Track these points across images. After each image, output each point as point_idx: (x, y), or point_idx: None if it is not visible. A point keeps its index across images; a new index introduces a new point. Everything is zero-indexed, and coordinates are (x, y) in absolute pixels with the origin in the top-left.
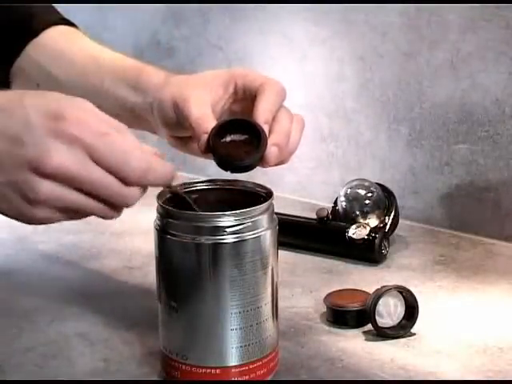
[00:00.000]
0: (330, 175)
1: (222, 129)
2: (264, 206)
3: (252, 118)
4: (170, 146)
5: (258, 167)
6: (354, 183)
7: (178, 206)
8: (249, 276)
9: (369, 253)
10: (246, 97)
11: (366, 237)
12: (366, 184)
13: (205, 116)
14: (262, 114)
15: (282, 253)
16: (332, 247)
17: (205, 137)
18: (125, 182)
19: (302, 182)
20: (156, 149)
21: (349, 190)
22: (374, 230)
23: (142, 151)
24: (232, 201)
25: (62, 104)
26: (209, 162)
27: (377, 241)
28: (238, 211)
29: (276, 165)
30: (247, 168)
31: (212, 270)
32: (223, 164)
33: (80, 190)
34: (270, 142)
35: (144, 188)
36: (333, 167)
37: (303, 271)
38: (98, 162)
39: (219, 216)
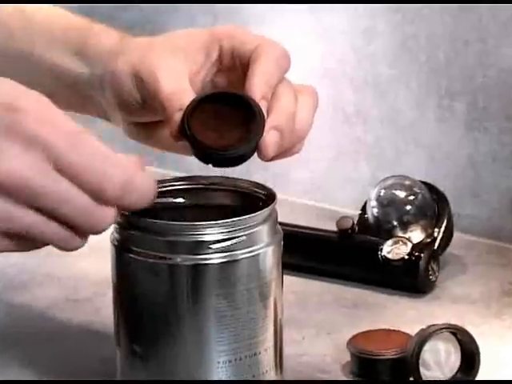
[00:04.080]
0: (356, 170)
1: (202, 106)
2: (264, 213)
3: (244, 92)
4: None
5: (253, 158)
6: (390, 182)
7: (144, 213)
8: (242, 311)
9: (410, 279)
10: (235, 65)
11: (406, 256)
12: (407, 183)
13: (180, 90)
14: (257, 88)
15: (289, 278)
16: (359, 271)
17: (179, 116)
18: (99, 199)
19: (316, 179)
20: (136, 156)
21: (382, 192)
22: (417, 246)
23: (124, 160)
24: (220, 206)
25: (14, 92)
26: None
27: (422, 262)
28: (227, 220)
29: (278, 157)
30: (236, 160)
31: (191, 302)
32: (203, 154)
33: (36, 208)
34: (268, 124)
35: (121, 209)
36: (360, 159)
37: (318, 304)
38: (64, 170)
39: (202, 227)
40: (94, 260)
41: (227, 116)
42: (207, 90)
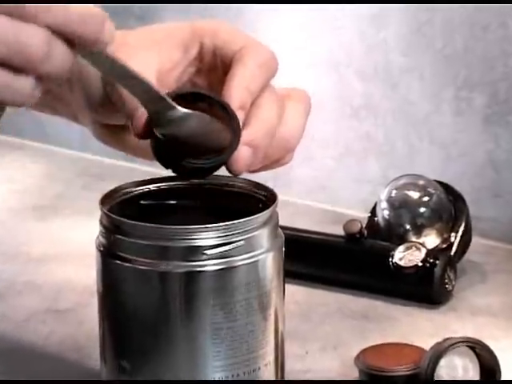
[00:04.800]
0: (364, 169)
1: None
2: (263, 215)
3: (222, 97)
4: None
5: None
6: (402, 182)
7: (132, 215)
8: (240, 322)
9: (425, 288)
10: (217, 66)
11: (420, 263)
12: (421, 183)
13: None
14: (236, 94)
15: (291, 287)
16: (368, 279)
17: (142, 111)
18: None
19: (321, 178)
20: None
21: (394, 193)
22: (432, 252)
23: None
24: (215, 208)
25: None
26: None
27: (437, 270)
28: (223, 224)
29: (262, 170)
30: (202, 172)
31: (184, 314)
32: (165, 160)
33: None
34: (242, 138)
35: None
36: (369, 157)
37: (323, 316)
38: None
39: (196, 231)
40: (78, 267)
41: None
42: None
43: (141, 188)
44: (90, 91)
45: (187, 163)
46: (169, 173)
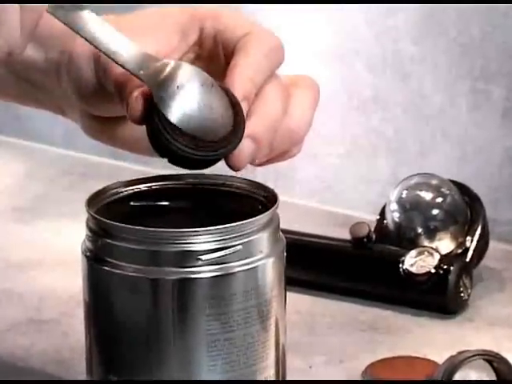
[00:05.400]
0: (372, 167)
1: None
2: (263, 218)
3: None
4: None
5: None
6: (414, 181)
7: (121, 217)
8: (238, 333)
9: (438, 296)
10: (218, 52)
11: (433, 270)
12: (434, 182)
13: None
14: (239, 84)
15: (293, 296)
16: (377, 287)
17: (140, 92)
18: None
19: (325, 178)
20: None
21: (405, 193)
22: (446, 258)
23: None
24: (211, 210)
25: None
26: None
27: (451, 277)
28: (220, 227)
29: (266, 163)
30: (201, 164)
31: (178, 324)
32: (161, 148)
33: None
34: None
35: None
36: (378, 154)
37: (328, 327)
38: None
39: (190, 234)
40: (62, 274)
41: None
42: None
43: (130, 188)
44: (81, 80)
45: (185, 153)
46: (161, 171)
